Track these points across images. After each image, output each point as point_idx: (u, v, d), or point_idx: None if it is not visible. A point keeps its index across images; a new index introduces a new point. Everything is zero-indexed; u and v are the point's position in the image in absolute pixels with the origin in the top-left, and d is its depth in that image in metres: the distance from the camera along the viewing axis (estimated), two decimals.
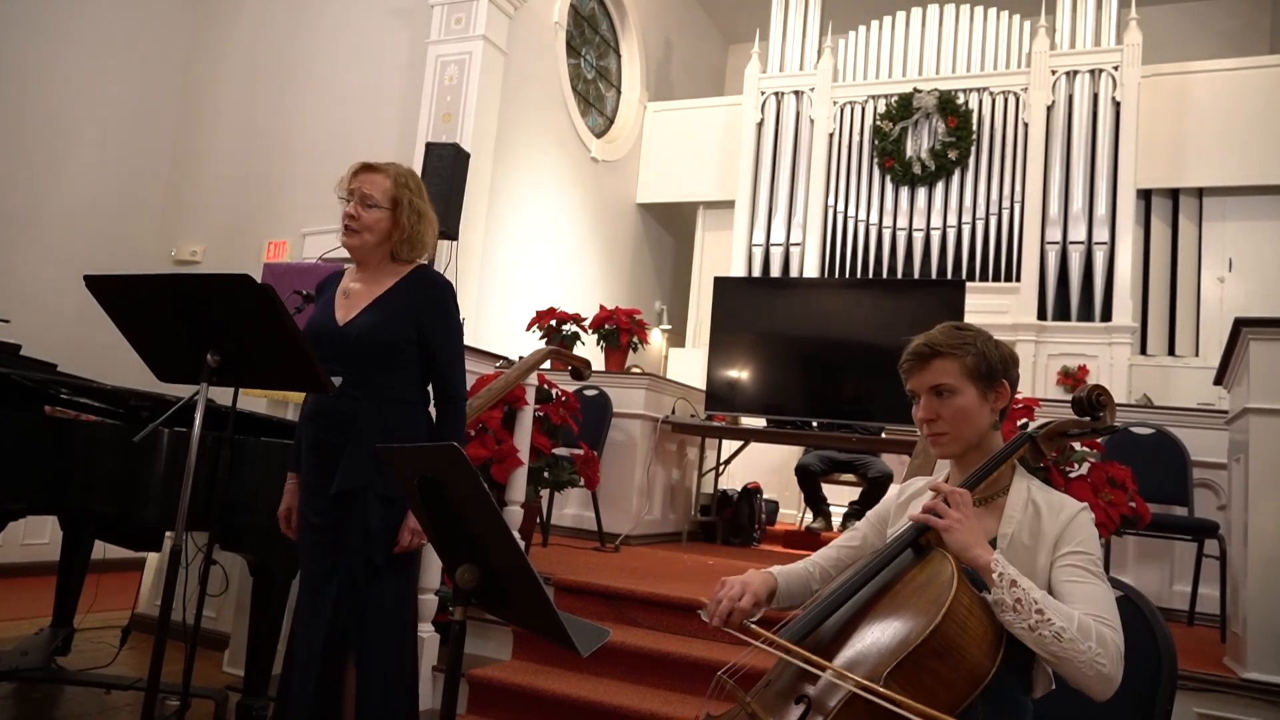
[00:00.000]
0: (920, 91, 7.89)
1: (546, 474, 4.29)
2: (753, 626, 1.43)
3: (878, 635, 1.33)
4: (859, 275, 7.83)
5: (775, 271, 8.07)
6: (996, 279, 7.47)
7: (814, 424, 5.30)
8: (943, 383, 1.51)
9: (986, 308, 7.10)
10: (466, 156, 5.13)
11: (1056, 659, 1.27)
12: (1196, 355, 7.34)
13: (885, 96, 8.09)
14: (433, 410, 2.36)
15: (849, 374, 5.23)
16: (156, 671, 2.01)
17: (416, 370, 2.28)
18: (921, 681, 1.25)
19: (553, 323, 5.28)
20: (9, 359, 3.38)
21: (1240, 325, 2.96)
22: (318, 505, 2.21)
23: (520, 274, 7.44)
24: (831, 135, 8.23)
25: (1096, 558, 1.41)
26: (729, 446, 6.09)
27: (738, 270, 8.20)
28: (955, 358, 1.51)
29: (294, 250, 6.78)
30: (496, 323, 6.91)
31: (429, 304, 2.26)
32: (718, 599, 1.49)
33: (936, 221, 7.71)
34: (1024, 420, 3.68)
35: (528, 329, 5.44)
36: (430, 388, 2.34)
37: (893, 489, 1.75)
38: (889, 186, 7.93)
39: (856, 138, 8.15)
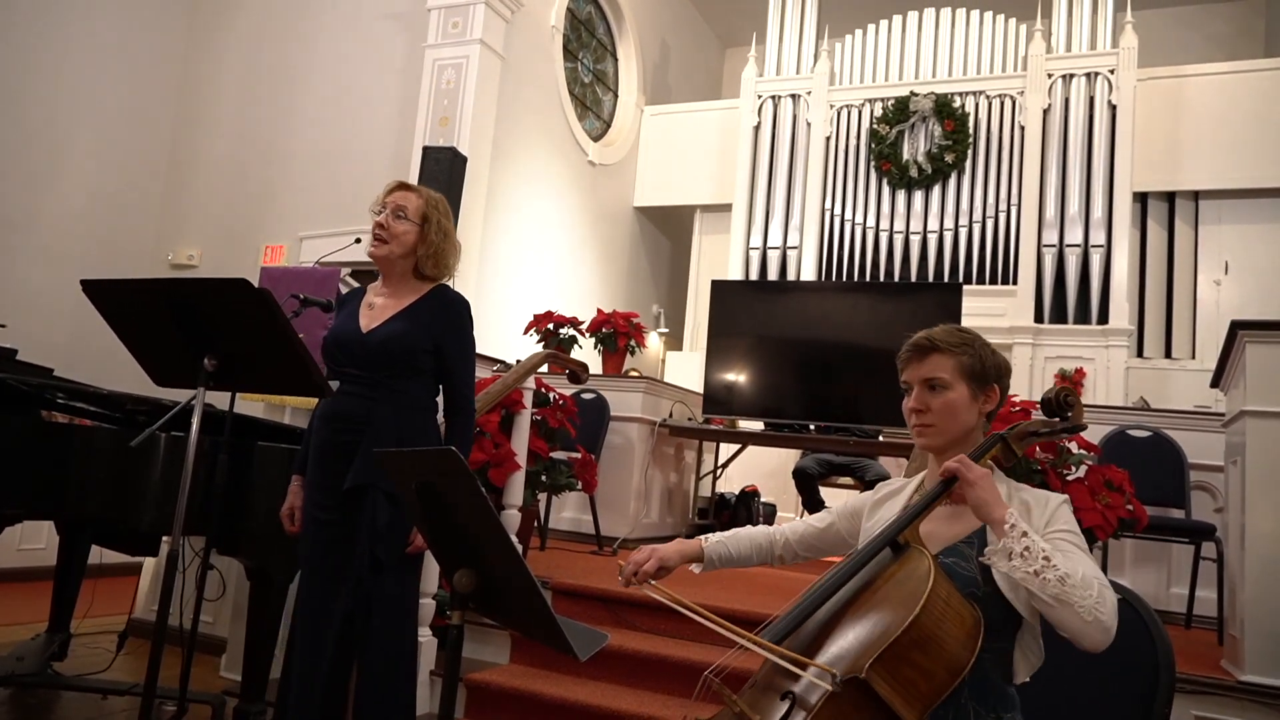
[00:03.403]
0: (917, 95, 7.90)
1: (544, 477, 4.28)
2: (652, 584, 1.60)
3: (859, 630, 1.37)
4: (856, 278, 7.84)
5: (773, 275, 8.08)
6: (993, 282, 7.48)
7: (811, 427, 5.30)
8: (936, 376, 1.57)
9: (983, 310, 7.11)
10: (463, 160, 5.14)
11: (1059, 602, 1.30)
12: (1193, 358, 7.35)
13: (882, 100, 8.10)
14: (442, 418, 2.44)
15: (846, 377, 5.23)
16: (153, 676, 2.01)
17: (431, 379, 2.39)
18: (902, 673, 1.30)
19: (550, 326, 5.28)
20: (5, 363, 3.37)
21: (1237, 328, 2.96)
22: (326, 503, 2.26)
23: (517, 278, 7.44)
24: (828, 139, 8.24)
25: (1081, 538, 1.47)
26: (727, 449, 6.09)
27: (735, 273, 8.21)
28: (952, 355, 1.57)
29: (291, 254, 6.77)
30: (494, 326, 6.90)
31: (446, 319, 2.38)
32: (629, 561, 1.64)
33: (933, 225, 7.72)
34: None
35: (525, 332, 5.44)
36: (442, 397, 2.44)
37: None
38: (886, 190, 7.94)
39: (853, 141, 8.16)
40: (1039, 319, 7.27)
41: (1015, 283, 7.38)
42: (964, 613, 1.36)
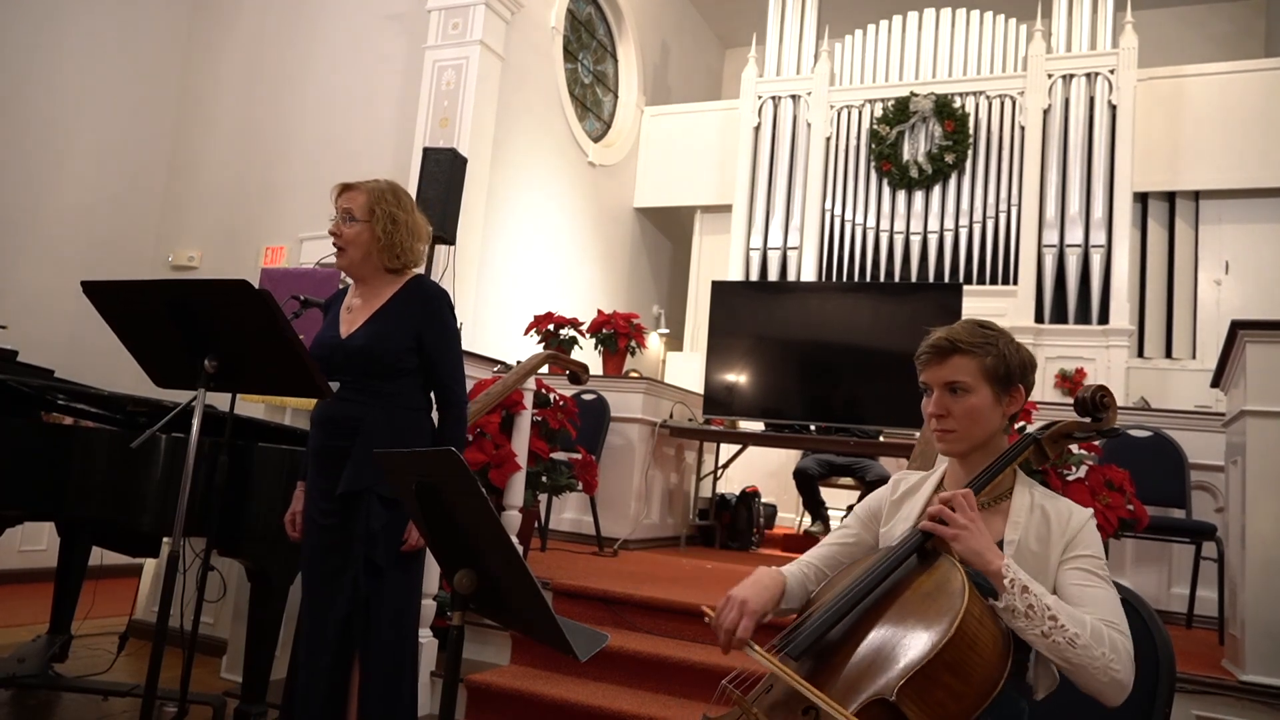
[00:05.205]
0: (917, 95, 7.90)
1: (544, 478, 4.28)
2: (757, 649, 1.38)
3: (888, 647, 1.31)
4: (856, 279, 7.84)
5: (773, 275, 8.08)
6: (994, 282, 7.48)
7: (812, 427, 5.30)
8: (958, 380, 1.48)
9: (984, 311, 7.09)
10: (464, 161, 5.13)
11: (1070, 665, 1.26)
12: (1194, 358, 7.35)
13: (882, 100, 8.10)
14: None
15: (846, 377, 5.23)
16: (154, 678, 2.01)
17: (419, 378, 2.35)
18: (933, 695, 1.25)
19: (550, 327, 5.28)
20: (6, 364, 3.37)
21: (1237, 328, 2.96)
22: (325, 507, 2.26)
23: (518, 278, 7.44)
24: (828, 139, 8.24)
25: (1104, 562, 1.41)
26: (727, 450, 6.09)
27: (735, 274, 8.21)
28: (975, 356, 1.48)
29: (291, 255, 6.78)
30: (494, 327, 6.91)
31: (424, 313, 2.33)
32: (719, 625, 1.46)
33: (934, 225, 7.72)
34: (1022, 424, 3.67)
35: (525, 333, 5.44)
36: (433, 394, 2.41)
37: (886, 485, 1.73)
38: (886, 190, 7.94)
39: (853, 141, 8.16)
40: (1039, 319, 7.28)
41: (1015, 283, 7.38)
42: (996, 630, 1.30)
